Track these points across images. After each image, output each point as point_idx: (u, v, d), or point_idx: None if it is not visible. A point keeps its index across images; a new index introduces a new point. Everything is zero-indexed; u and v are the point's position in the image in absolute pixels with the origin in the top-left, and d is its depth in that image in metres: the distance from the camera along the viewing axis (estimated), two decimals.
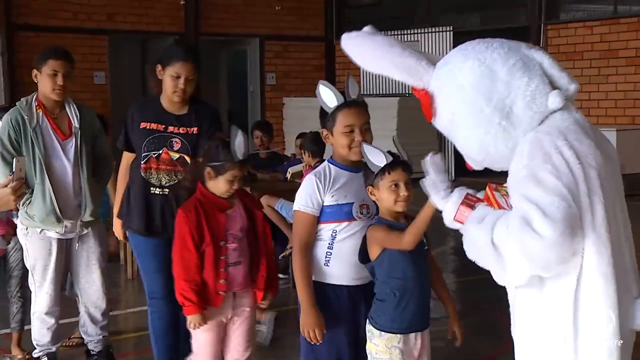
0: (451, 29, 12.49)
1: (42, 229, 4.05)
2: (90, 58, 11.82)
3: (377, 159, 2.83)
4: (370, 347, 2.86)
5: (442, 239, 7.49)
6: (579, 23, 11.92)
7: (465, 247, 2.12)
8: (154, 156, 3.68)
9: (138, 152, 3.74)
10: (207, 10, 13.15)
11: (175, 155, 3.66)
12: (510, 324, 2.24)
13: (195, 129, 3.71)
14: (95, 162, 4.17)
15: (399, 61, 2.29)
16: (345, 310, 2.94)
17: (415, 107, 2.93)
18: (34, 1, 11.60)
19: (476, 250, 2.07)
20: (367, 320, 2.89)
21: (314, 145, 5.98)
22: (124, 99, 10.28)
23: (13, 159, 3.33)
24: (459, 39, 12.40)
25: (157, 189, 3.68)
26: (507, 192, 2.16)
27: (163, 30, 12.86)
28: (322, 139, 3.00)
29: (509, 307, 2.24)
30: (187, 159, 3.63)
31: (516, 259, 1.99)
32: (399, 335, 2.82)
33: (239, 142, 3.20)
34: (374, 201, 2.90)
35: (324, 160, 2.99)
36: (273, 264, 3.45)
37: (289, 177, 6.44)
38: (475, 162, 2.26)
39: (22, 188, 3.25)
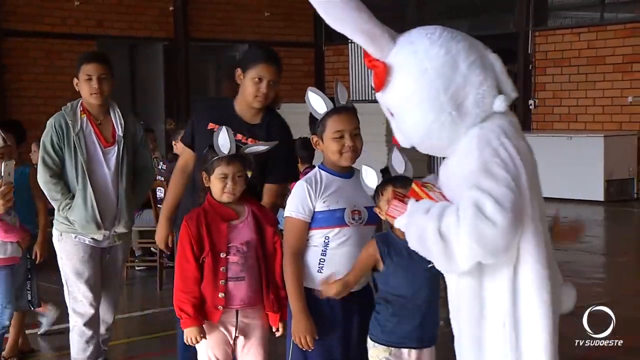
0: None
1: (77, 235, 3.95)
2: None
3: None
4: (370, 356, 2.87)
5: None
6: (566, 30, 11.99)
7: (408, 237, 2.24)
8: None
9: (199, 154, 3.44)
10: (196, 16, 13.14)
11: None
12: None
13: (263, 142, 3.39)
14: (135, 173, 4.09)
15: (366, 27, 2.35)
16: (338, 317, 2.92)
17: None
18: (22, 7, 11.56)
19: (422, 240, 2.19)
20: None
21: (304, 150, 5.97)
22: None
23: (4, 164, 3.28)
24: None
25: None
26: (433, 187, 2.31)
27: (152, 36, 12.84)
28: (312, 145, 2.99)
29: None
30: (248, 174, 3.17)
31: (467, 245, 2.10)
32: (390, 348, 2.79)
33: (222, 138, 3.08)
34: (365, 207, 2.89)
35: (314, 166, 2.97)
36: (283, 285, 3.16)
37: None
38: (409, 141, 2.38)
39: (11, 192, 3.23)
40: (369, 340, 2.84)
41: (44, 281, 6.24)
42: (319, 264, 2.90)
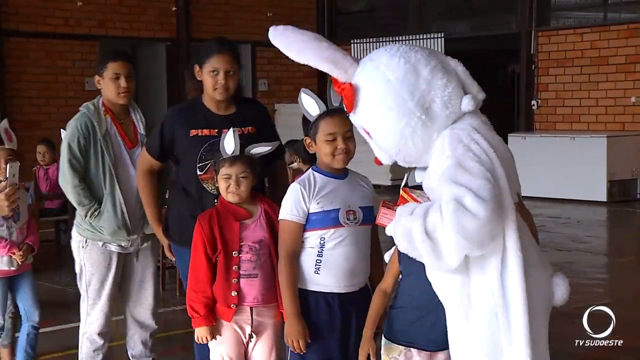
0: (442, 35, 12.53)
1: (104, 243, 3.77)
2: (81, 64, 11.79)
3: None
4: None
5: None
6: (569, 30, 11.97)
7: (397, 240, 2.29)
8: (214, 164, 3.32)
9: (191, 163, 3.38)
10: (198, 16, 13.15)
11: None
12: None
13: (251, 127, 3.46)
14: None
15: (327, 53, 2.47)
16: (337, 318, 2.92)
17: None
18: (24, 7, 11.57)
19: (410, 240, 2.23)
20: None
21: (306, 152, 5.97)
22: None
23: (9, 165, 3.25)
24: (450, 46, 12.48)
25: (217, 199, 3.31)
26: (421, 193, 2.39)
27: (154, 37, 12.85)
28: (306, 147, 2.99)
29: None
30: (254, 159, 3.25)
31: (453, 240, 2.14)
32: (404, 347, 2.73)
33: (227, 139, 3.13)
34: (360, 207, 2.90)
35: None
36: None
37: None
38: (388, 155, 2.45)
39: (16, 194, 3.21)
40: (383, 338, 2.81)
41: (47, 281, 6.27)
42: (316, 265, 2.90)
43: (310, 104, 2.92)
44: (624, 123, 11.40)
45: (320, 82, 14.33)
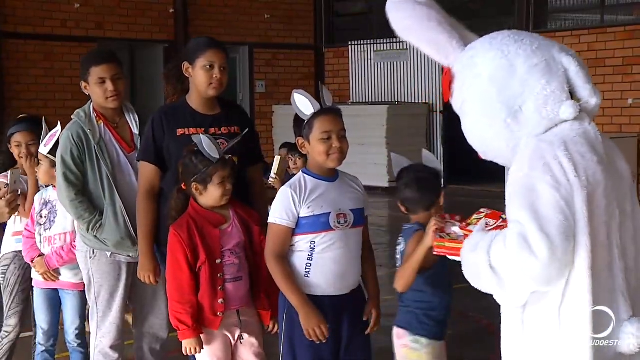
0: None
1: (112, 253, 3.62)
2: (79, 66, 11.79)
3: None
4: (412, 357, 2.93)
5: None
6: (566, 32, 11.99)
7: (467, 276, 2.08)
8: None
9: (176, 164, 3.27)
10: (196, 18, 13.15)
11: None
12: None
13: (237, 127, 3.43)
14: None
15: (430, 36, 2.25)
16: (328, 315, 2.88)
17: (404, 115, 2.95)
18: (22, 9, 11.57)
19: (478, 277, 2.04)
20: (404, 332, 2.98)
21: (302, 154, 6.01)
22: None
23: (10, 172, 3.22)
24: None
25: None
26: (477, 221, 2.21)
27: (152, 39, 12.85)
28: (298, 147, 2.97)
29: (497, 315, 2.24)
30: (236, 160, 3.24)
31: (518, 277, 1.97)
32: (425, 339, 2.98)
33: (207, 144, 3.06)
34: (350, 209, 2.90)
35: None
36: (273, 283, 3.15)
37: (272, 182, 6.40)
38: (479, 152, 2.25)
39: (17, 200, 3.21)
40: (402, 331, 2.94)
41: None
42: (306, 268, 2.88)
43: (304, 104, 2.91)
44: (621, 125, 11.41)
45: (317, 85, 14.34)
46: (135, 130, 3.70)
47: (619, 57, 11.28)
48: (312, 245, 2.87)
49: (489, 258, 1.99)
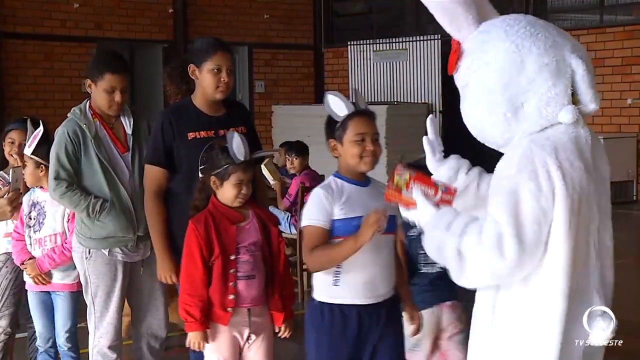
0: (439, 37, 12.54)
1: (109, 251, 3.62)
2: (78, 66, 11.77)
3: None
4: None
5: None
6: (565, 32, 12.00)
7: (426, 247, 2.16)
8: None
9: (193, 167, 3.25)
10: (196, 18, 13.15)
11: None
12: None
13: (244, 127, 3.43)
14: None
15: (448, 5, 2.19)
16: (351, 331, 2.77)
17: (403, 115, 2.94)
18: (21, 9, 11.56)
19: (439, 254, 2.11)
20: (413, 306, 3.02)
21: (299, 153, 6.06)
22: None
23: (12, 170, 3.22)
24: (447, 48, 12.48)
25: None
26: (406, 183, 2.19)
27: (151, 39, 12.84)
28: (329, 150, 2.86)
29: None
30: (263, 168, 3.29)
31: (480, 271, 2.05)
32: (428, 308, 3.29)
33: (237, 144, 3.06)
34: (394, 215, 2.76)
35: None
36: (288, 285, 3.20)
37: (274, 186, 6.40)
38: (473, 133, 2.26)
39: (19, 199, 3.21)
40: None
41: None
42: (335, 276, 2.76)
43: (338, 105, 2.80)
44: (620, 125, 11.42)
45: (317, 85, 14.34)
46: (129, 131, 3.70)
47: (618, 57, 11.28)
48: None
49: (459, 242, 2.04)
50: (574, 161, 2.06)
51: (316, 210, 2.76)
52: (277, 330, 3.19)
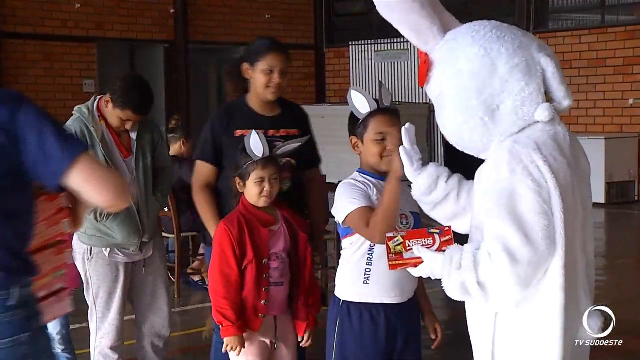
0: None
1: (111, 251, 3.60)
2: (79, 66, 11.79)
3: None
4: None
5: None
6: (567, 32, 11.98)
7: (450, 293, 2.09)
8: None
9: (234, 164, 3.22)
10: (196, 18, 13.15)
11: (281, 161, 3.18)
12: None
13: (296, 130, 3.41)
14: (154, 175, 3.73)
15: (412, 19, 2.21)
16: (381, 331, 2.75)
17: (404, 115, 2.89)
18: (22, 9, 11.57)
19: (465, 294, 2.06)
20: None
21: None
22: None
23: None
24: None
25: None
26: (402, 247, 2.15)
27: (152, 39, 12.84)
28: (351, 147, 2.82)
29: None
30: (294, 162, 3.22)
31: (506, 289, 2.01)
32: None
33: (254, 141, 3.01)
34: (412, 212, 2.72)
35: None
36: (314, 294, 3.12)
37: None
38: (451, 142, 2.26)
39: None
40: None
41: None
42: (365, 274, 2.72)
43: (361, 102, 2.74)
44: (621, 125, 11.41)
45: (318, 85, 14.33)
46: (133, 136, 3.67)
47: (619, 57, 11.27)
48: (372, 246, 2.70)
49: (476, 275, 2.01)
50: (557, 157, 2.07)
51: (354, 195, 2.68)
52: (299, 339, 3.13)
